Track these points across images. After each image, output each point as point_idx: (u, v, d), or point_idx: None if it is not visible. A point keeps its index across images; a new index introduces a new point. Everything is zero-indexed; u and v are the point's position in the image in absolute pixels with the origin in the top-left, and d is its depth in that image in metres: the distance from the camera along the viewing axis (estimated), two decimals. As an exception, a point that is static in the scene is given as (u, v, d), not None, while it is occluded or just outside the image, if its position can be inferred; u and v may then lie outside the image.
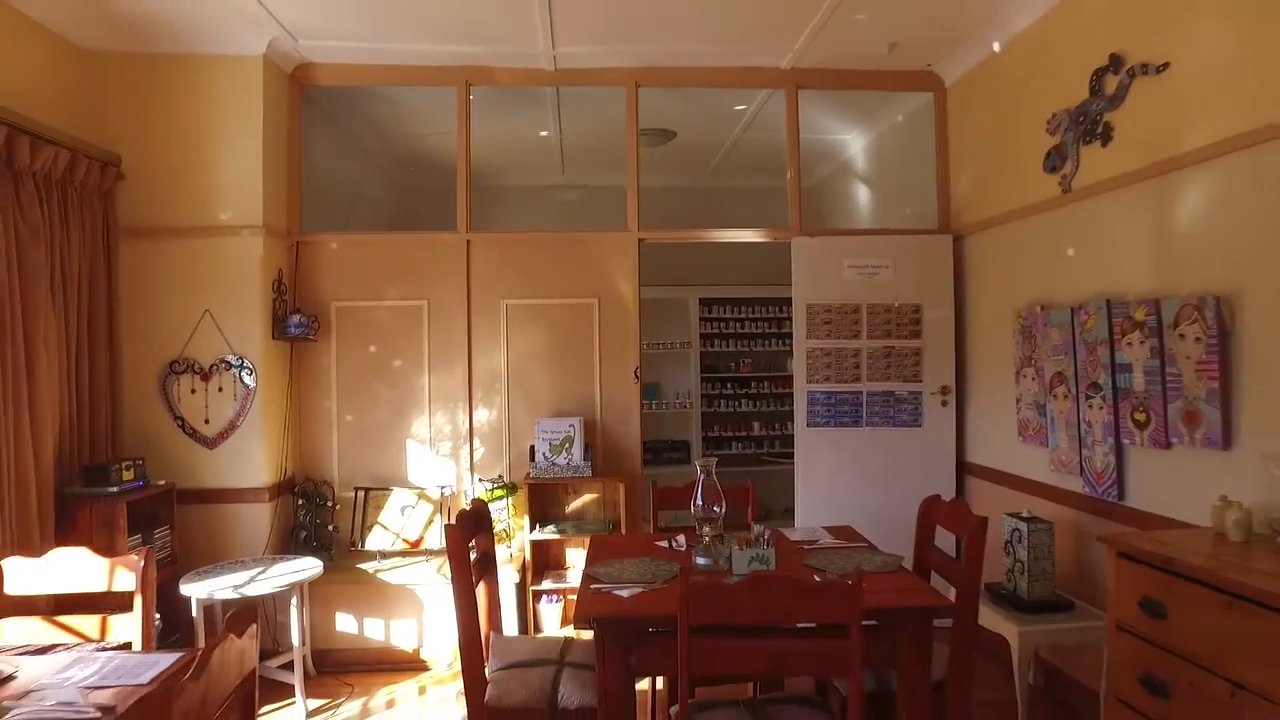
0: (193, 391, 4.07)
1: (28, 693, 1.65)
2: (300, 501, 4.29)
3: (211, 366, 4.07)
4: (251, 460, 4.08)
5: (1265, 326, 2.53)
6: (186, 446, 4.05)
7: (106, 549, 3.13)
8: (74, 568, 2.23)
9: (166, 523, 3.83)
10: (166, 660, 1.81)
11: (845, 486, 4.41)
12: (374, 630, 4.14)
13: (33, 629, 2.18)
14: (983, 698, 3.49)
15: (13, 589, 2.22)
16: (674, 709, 2.19)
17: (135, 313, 4.02)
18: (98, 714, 1.52)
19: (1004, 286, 4.13)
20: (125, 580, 2.20)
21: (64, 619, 2.20)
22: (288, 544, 4.25)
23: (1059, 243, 3.63)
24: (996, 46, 4.11)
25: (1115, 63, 3.23)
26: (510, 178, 6.95)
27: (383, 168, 6.42)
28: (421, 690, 3.95)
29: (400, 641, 4.14)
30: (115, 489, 3.55)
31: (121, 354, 3.98)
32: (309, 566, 3.77)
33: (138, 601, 2.19)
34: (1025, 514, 3.39)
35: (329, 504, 4.32)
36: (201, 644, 3.40)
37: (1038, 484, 3.78)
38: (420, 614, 4.14)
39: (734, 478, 3.32)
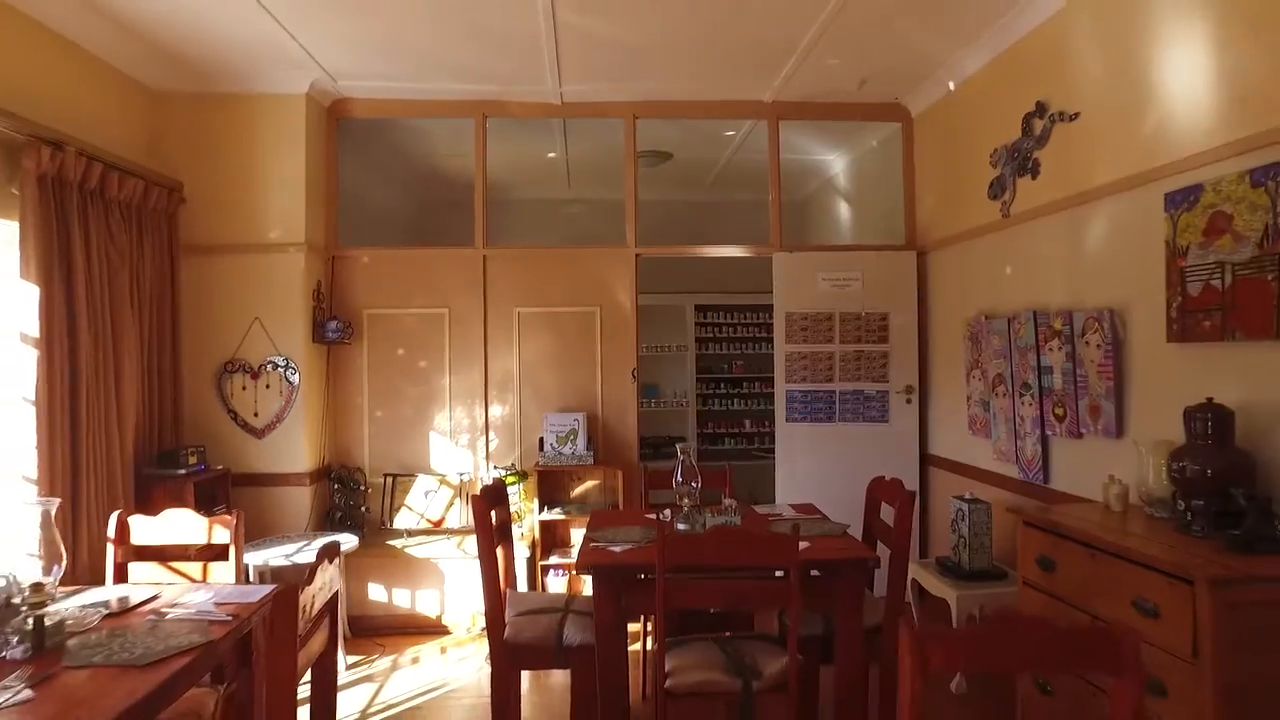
0: (244, 388, 4.64)
1: (174, 605, 2.21)
2: (336, 486, 4.85)
3: (260, 366, 4.64)
4: (294, 449, 4.65)
5: (1145, 336, 3.07)
6: (239, 436, 4.62)
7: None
8: (182, 525, 2.79)
9: (223, 502, 4.40)
10: (263, 590, 2.37)
11: (819, 474, 4.95)
12: (401, 599, 4.70)
13: (151, 572, 2.74)
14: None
15: (136, 540, 2.79)
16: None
17: (194, 320, 4.59)
18: (228, 616, 2.08)
19: (958, 298, 4.67)
20: (220, 535, 2.77)
21: (175, 564, 2.76)
22: (325, 523, 4.81)
23: (1000, 261, 4.18)
24: (952, 86, 4.65)
25: (1040, 109, 3.78)
26: (520, 192, 7.51)
27: (405, 185, 7.01)
28: (443, 650, 4.50)
29: (424, 608, 4.71)
30: (183, 471, 4.12)
31: (182, 356, 4.54)
32: (346, 541, 4.33)
33: (232, 551, 2.76)
34: (968, 496, 3.93)
35: (361, 488, 4.89)
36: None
37: (984, 471, 4.32)
38: (442, 585, 4.70)
39: (724, 468, 3.90)
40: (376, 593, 4.69)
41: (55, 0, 3.53)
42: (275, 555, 4.04)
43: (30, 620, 1.86)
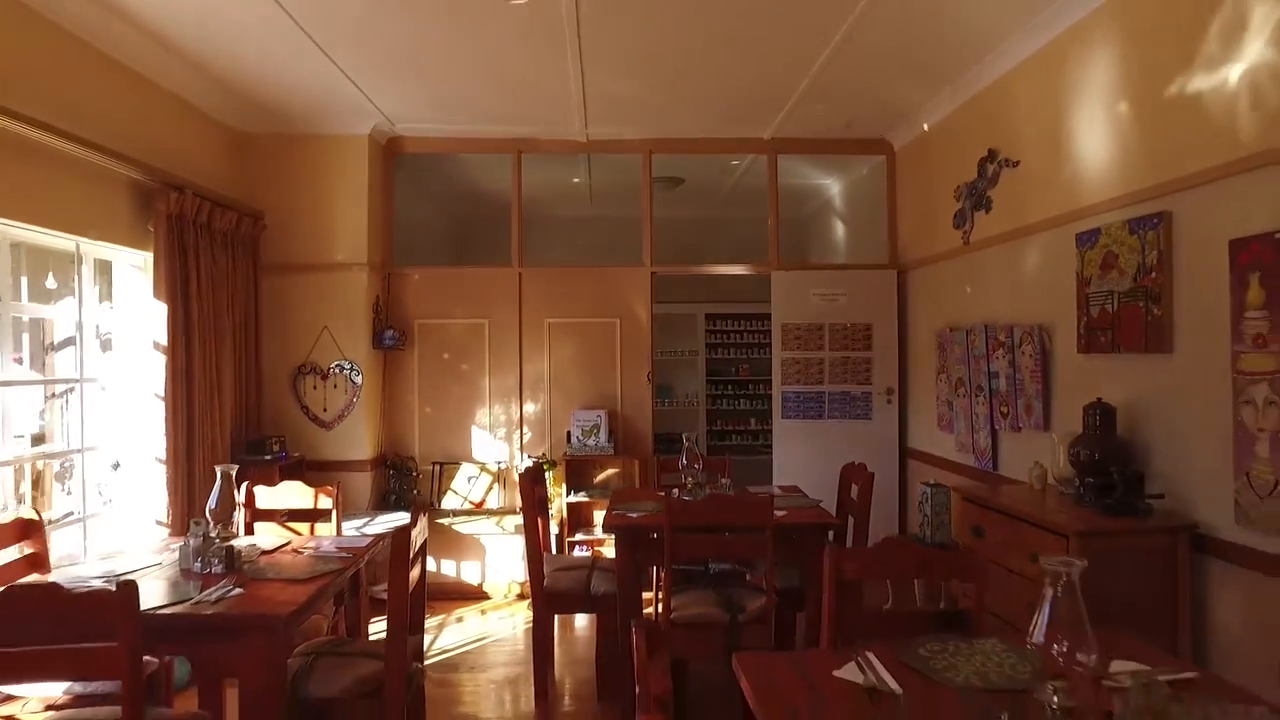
0: (314, 388, 5.43)
1: (304, 548, 2.98)
2: (391, 471, 5.63)
3: (329, 369, 5.43)
4: (357, 439, 5.43)
5: (1064, 348, 3.78)
6: (310, 429, 5.40)
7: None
8: (295, 493, 3.57)
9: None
10: (366, 540, 3.13)
11: (809, 464, 5.65)
12: (448, 568, 5.47)
13: (270, 529, 3.52)
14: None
15: (260, 505, 3.57)
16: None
17: (273, 329, 5.37)
18: (348, 554, 2.85)
19: (930, 312, 5.38)
20: (325, 502, 3.54)
21: (290, 524, 3.54)
22: (382, 504, 5.59)
23: (962, 281, 4.89)
24: (925, 126, 5.36)
25: (991, 155, 4.49)
26: (547, 210, 8.27)
27: (442, 204, 7.79)
28: (483, 612, 5.27)
29: (468, 577, 5.48)
30: (269, 457, 4.91)
31: (264, 360, 5.32)
32: (402, 518, 5.10)
33: (334, 514, 3.54)
34: (931, 482, 4.63)
35: (413, 474, 5.66)
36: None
37: (949, 461, 5.03)
38: (483, 557, 5.47)
39: (732, 463, 4.67)
40: (427, 564, 5.44)
41: (173, 64, 4.32)
42: (347, 528, 4.82)
43: (225, 549, 2.64)
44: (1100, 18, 3.49)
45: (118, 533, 4.14)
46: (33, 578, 2.70)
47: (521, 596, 5.50)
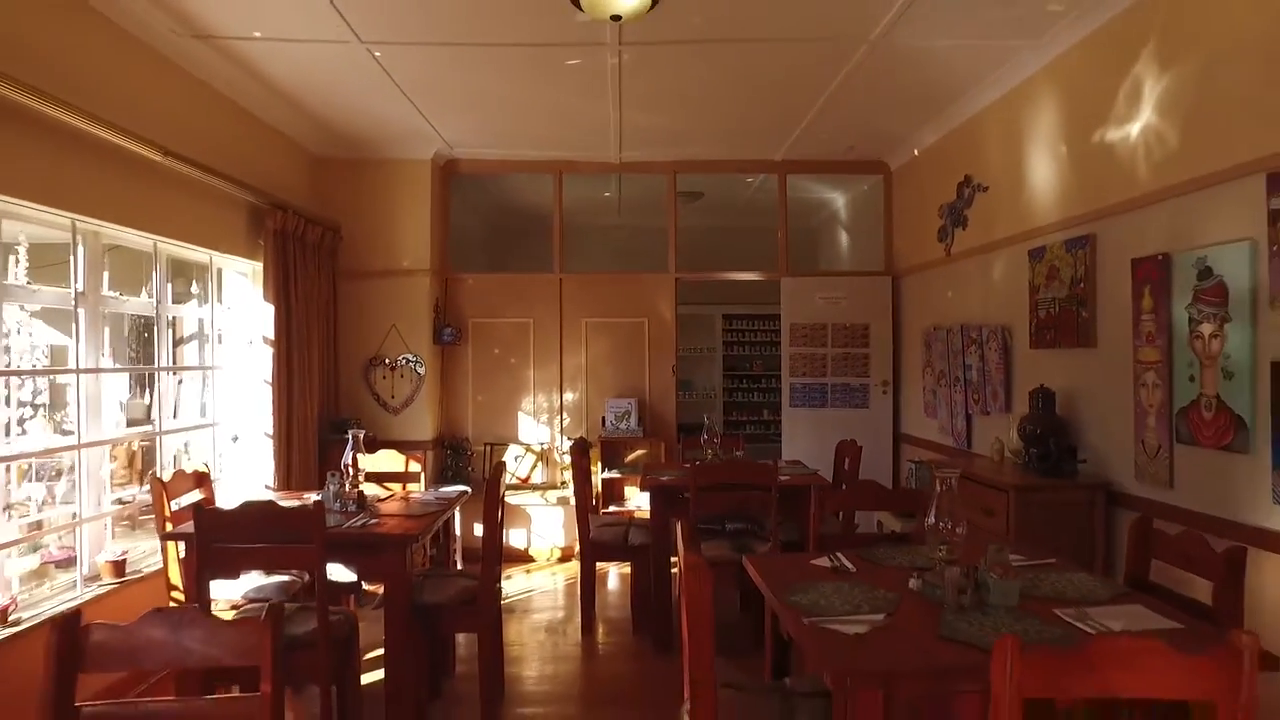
0: (384, 378, 6.28)
1: (409, 498, 3.82)
2: (449, 451, 6.48)
3: (396, 361, 6.27)
4: (420, 423, 6.28)
5: (1020, 344, 4.56)
6: (380, 413, 6.25)
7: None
8: (390, 460, 4.42)
9: (374, 460, 6.03)
10: (452, 494, 3.97)
11: (814, 446, 6.41)
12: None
13: (368, 489, 4.37)
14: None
15: (365, 469, 4.42)
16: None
17: (348, 327, 6.22)
18: (443, 502, 3.68)
19: (919, 313, 6.16)
20: (415, 467, 4.39)
21: (388, 485, 4.38)
22: (441, 479, 6.42)
23: (945, 288, 5.67)
24: (916, 151, 6.14)
25: (967, 179, 5.26)
26: (580, 219, 9.05)
27: (488, 217, 8.64)
28: (528, 572, 6.11)
29: (515, 543, 6.31)
30: (349, 437, 5.75)
31: (340, 353, 6.18)
32: (462, 488, 5.93)
33: (423, 476, 4.39)
34: (916, 460, 5.43)
35: (468, 453, 6.50)
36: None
37: (933, 443, 5.81)
38: (529, 525, 6.31)
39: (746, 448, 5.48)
40: (479, 530, 6.28)
41: (279, 104, 5.18)
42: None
43: (358, 493, 3.48)
44: (1045, 75, 4.27)
45: (234, 496, 5.00)
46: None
47: (563, 559, 6.34)
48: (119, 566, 3.74)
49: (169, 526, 3.28)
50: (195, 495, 3.64)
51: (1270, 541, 2.79)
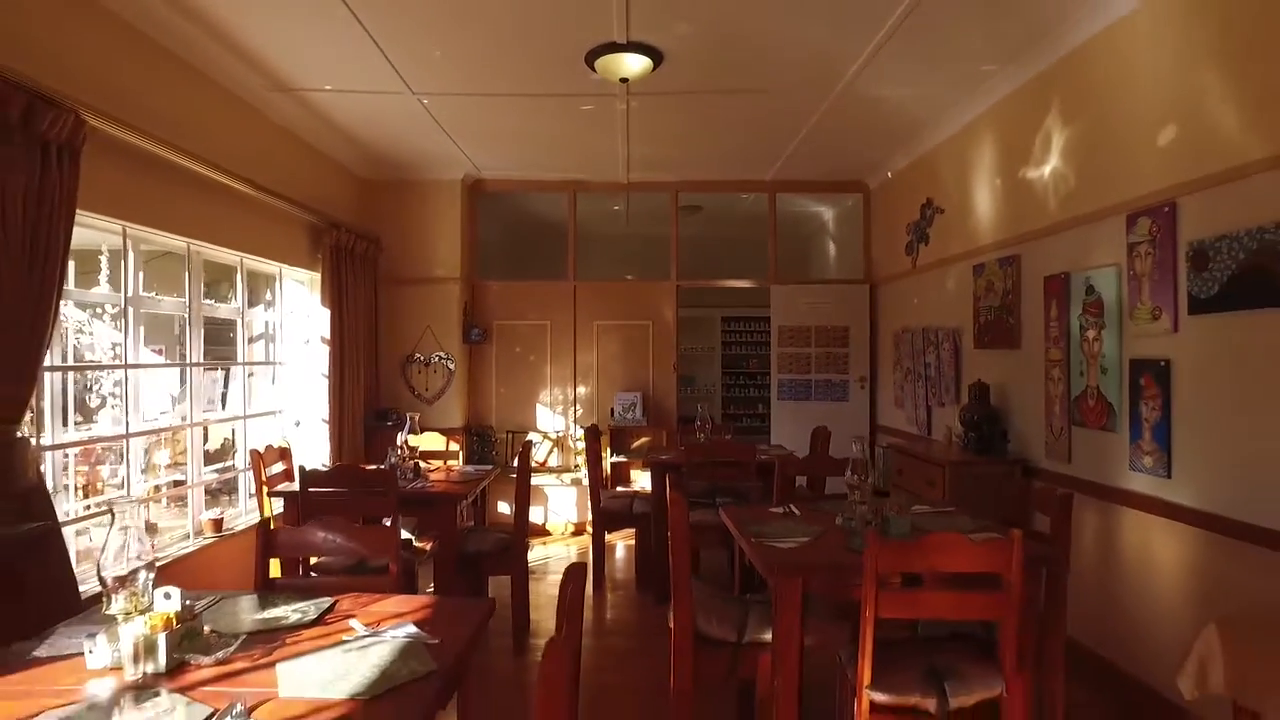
0: (419, 372, 7.12)
1: (453, 470, 4.66)
2: (475, 437, 7.32)
3: (430, 358, 7.12)
4: (451, 412, 7.12)
5: (967, 345, 5.36)
6: (416, 404, 7.09)
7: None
8: (435, 440, 5.26)
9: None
10: (487, 468, 4.81)
11: (799, 435, 7.21)
12: (519, 512, 7.13)
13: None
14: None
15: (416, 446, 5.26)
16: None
17: (388, 328, 7.07)
18: (482, 473, 4.52)
19: (891, 317, 6.97)
20: (454, 446, 5.23)
21: (432, 460, 5.23)
22: (469, 462, 7.26)
23: (911, 295, 6.47)
24: (889, 174, 6.94)
25: (929, 202, 6.07)
26: (590, 228, 9.90)
27: (512, 229, 9.48)
28: (545, 543, 6.94)
29: (534, 518, 7.14)
30: (390, 424, 6.60)
31: (380, 351, 7.02)
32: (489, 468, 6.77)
33: (461, 453, 5.23)
34: (885, 443, 6.23)
35: (492, 439, 7.34)
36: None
37: (903, 432, 6.61)
38: (546, 503, 7.14)
39: (739, 437, 6.25)
40: (502, 508, 7.14)
41: (338, 139, 6.03)
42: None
43: (414, 464, 4.32)
44: (985, 119, 5.08)
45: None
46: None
47: (576, 533, 7.17)
48: (218, 524, 4.59)
49: (266, 490, 4.12)
50: (279, 466, 4.49)
51: (1130, 500, 3.60)
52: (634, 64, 4.29)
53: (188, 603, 1.77)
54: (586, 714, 3.46)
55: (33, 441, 2.92)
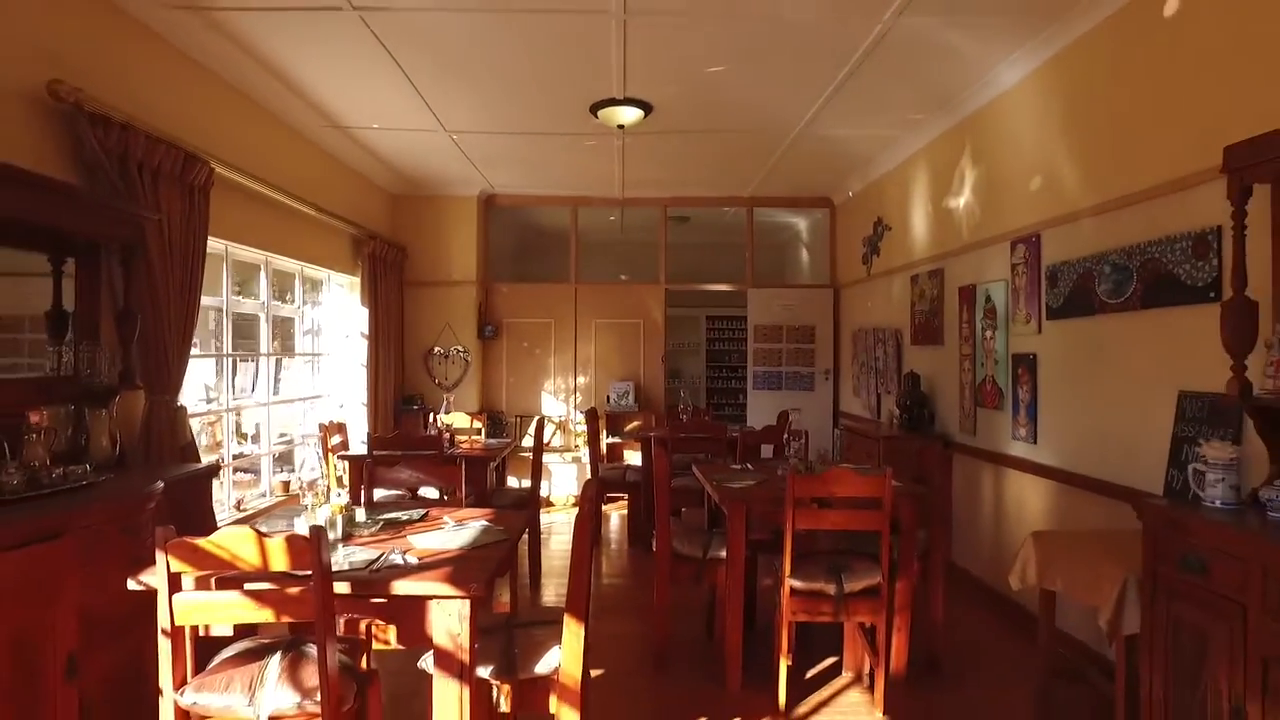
0: (439, 364, 8.14)
1: (481, 443, 5.68)
2: (489, 420, 8.33)
3: (449, 351, 8.13)
4: (467, 398, 8.13)
5: (906, 342, 6.41)
6: (436, 391, 8.10)
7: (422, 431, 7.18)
8: (463, 420, 6.28)
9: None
10: (506, 441, 5.82)
11: (771, 420, 8.28)
12: (526, 484, 8.15)
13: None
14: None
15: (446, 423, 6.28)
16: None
17: (413, 325, 8.07)
18: (504, 444, 5.53)
19: (851, 318, 8.02)
20: (478, 425, 6.25)
21: (460, 434, 6.24)
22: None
23: (866, 300, 7.52)
24: (850, 194, 7.99)
25: (880, 220, 7.11)
26: (590, 236, 10.92)
27: (520, 237, 10.50)
28: (548, 512, 7.97)
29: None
30: (416, 408, 7.62)
31: (406, 345, 8.03)
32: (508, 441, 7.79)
33: (483, 430, 6.25)
34: (842, 425, 7.28)
35: (504, 422, 8.36)
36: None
37: (859, 417, 7.66)
38: (550, 478, 8.18)
39: (720, 420, 7.28)
40: (511, 482, 8.16)
41: (376, 164, 7.04)
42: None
43: (450, 435, 5.34)
44: (920, 155, 6.12)
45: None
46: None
47: (576, 504, 8.20)
48: (286, 485, 5.61)
49: (331, 454, 5.14)
50: (337, 438, 5.49)
51: (1012, 462, 4.65)
52: (629, 114, 5.32)
53: (347, 501, 2.79)
54: (592, 628, 4.51)
55: (186, 408, 3.94)
